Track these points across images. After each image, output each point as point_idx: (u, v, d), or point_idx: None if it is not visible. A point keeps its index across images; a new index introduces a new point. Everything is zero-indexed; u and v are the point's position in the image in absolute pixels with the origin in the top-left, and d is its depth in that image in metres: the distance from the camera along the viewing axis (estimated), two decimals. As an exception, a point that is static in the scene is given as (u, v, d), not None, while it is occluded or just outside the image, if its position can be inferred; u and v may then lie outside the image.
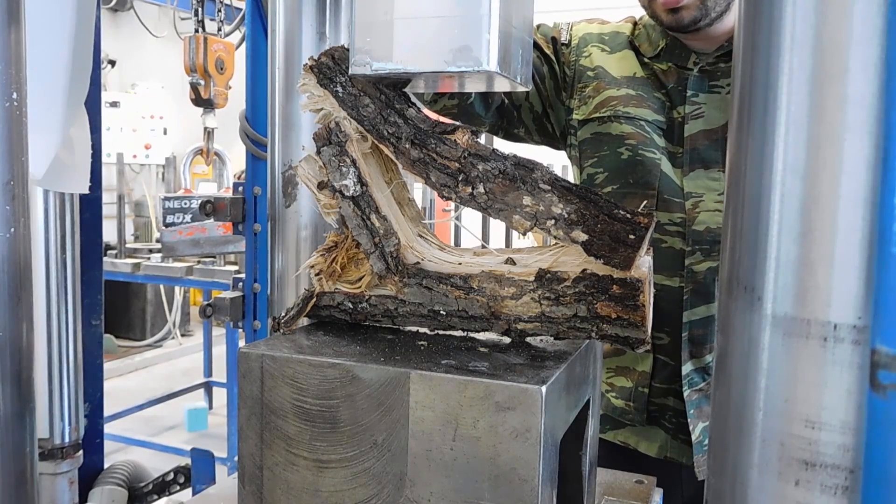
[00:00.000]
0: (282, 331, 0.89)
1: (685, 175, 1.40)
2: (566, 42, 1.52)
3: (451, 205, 4.65)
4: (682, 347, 1.40)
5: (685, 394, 1.40)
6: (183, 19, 6.92)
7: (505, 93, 1.49)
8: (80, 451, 1.67)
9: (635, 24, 1.54)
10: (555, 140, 1.58)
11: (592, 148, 1.48)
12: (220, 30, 4.51)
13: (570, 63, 1.51)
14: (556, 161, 4.74)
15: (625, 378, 1.48)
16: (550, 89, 1.51)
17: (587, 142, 1.49)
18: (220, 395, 5.77)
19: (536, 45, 1.49)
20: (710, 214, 1.37)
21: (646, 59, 1.47)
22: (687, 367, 1.40)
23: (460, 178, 0.84)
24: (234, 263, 4.65)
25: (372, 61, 0.82)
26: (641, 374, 1.45)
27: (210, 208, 2.08)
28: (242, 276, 2.15)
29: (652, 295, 0.87)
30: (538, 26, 1.54)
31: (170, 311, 7.46)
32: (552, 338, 0.85)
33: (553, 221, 0.82)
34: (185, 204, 4.52)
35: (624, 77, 1.46)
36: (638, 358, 1.46)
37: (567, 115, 1.52)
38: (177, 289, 7.33)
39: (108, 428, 2.57)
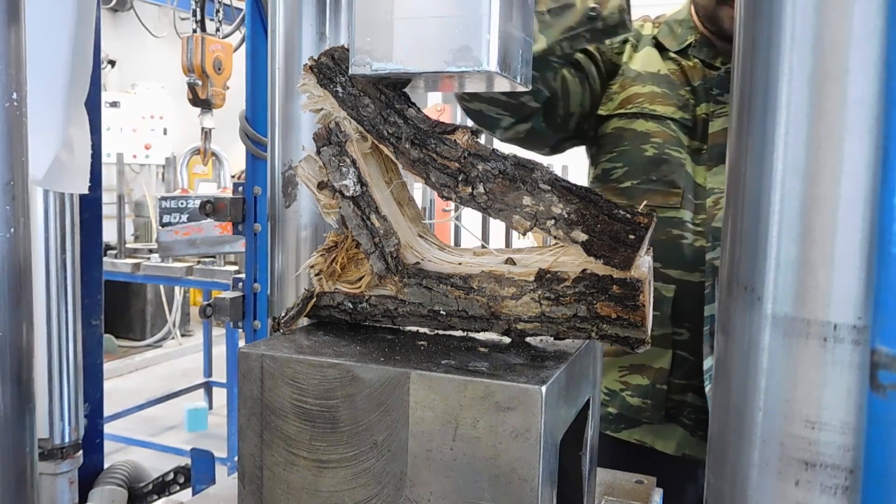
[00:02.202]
0: (282, 331, 0.89)
1: (708, 171, 1.42)
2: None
3: (451, 205, 4.65)
4: (704, 342, 1.40)
5: (707, 388, 1.40)
6: (183, 19, 6.92)
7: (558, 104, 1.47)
8: (80, 451, 1.67)
9: (653, 22, 1.56)
10: (572, 137, 1.57)
11: (612, 143, 1.49)
12: (218, 30, 4.51)
13: (613, 59, 1.53)
14: (556, 161, 4.74)
15: (640, 376, 1.48)
16: (598, 87, 1.52)
17: (607, 137, 1.50)
18: (220, 395, 5.77)
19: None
20: None
21: (671, 54, 1.49)
22: (709, 362, 1.40)
23: (460, 178, 0.84)
24: (234, 263, 4.65)
25: (372, 61, 0.82)
26: (659, 371, 1.45)
27: (210, 208, 2.09)
28: (242, 276, 2.16)
29: (652, 295, 0.87)
30: None
31: (170, 311, 7.46)
32: (552, 338, 0.85)
33: (553, 221, 0.82)
34: (182, 204, 4.52)
35: (648, 73, 1.48)
36: (655, 355, 1.46)
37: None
38: (177, 289, 7.33)
39: (108, 428, 2.57)
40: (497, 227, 5.39)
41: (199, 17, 4.24)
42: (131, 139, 7.76)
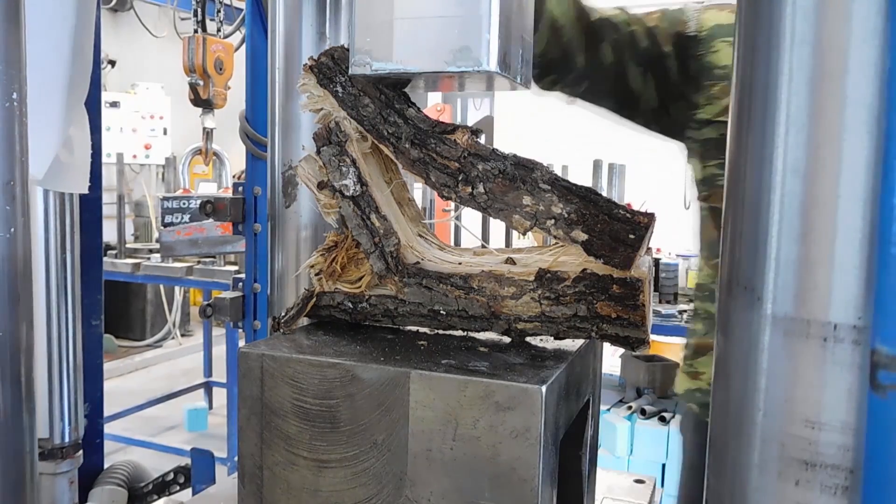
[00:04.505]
0: (282, 331, 0.89)
1: None
2: (692, 34, 1.46)
3: (451, 205, 4.65)
4: None
5: None
6: (183, 19, 6.91)
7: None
8: (80, 451, 1.67)
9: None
10: (671, 132, 1.54)
11: (718, 149, 1.44)
12: (219, 30, 4.51)
13: (696, 56, 1.45)
14: (556, 161, 4.74)
15: None
16: (672, 84, 1.47)
17: (712, 142, 1.46)
18: (220, 395, 5.77)
19: (653, 38, 1.45)
20: None
21: None
22: None
23: (460, 178, 0.84)
24: (234, 263, 4.64)
25: (372, 61, 0.82)
26: None
27: (210, 208, 2.09)
28: (242, 276, 2.15)
29: (652, 294, 0.87)
30: (662, 12, 1.48)
31: (170, 311, 7.46)
32: (552, 337, 0.85)
33: (553, 221, 0.82)
34: (184, 204, 4.52)
35: None
36: None
37: (690, 110, 1.47)
38: (177, 289, 7.33)
39: (108, 428, 2.57)
40: (497, 227, 5.38)
41: (199, 17, 4.24)
42: (131, 139, 7.76)
